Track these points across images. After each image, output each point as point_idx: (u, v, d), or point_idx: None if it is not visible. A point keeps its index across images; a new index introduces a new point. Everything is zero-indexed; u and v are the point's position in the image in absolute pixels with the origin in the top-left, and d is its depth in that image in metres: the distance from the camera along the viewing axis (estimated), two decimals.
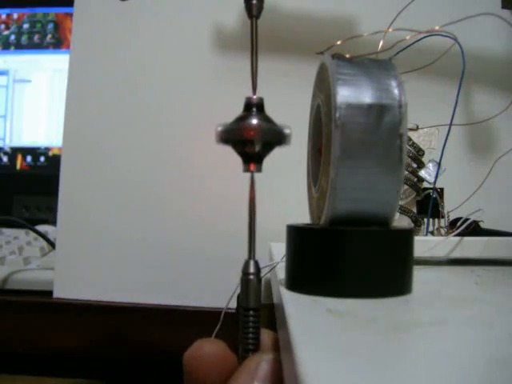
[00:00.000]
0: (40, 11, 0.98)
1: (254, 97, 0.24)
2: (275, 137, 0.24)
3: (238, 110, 0.24)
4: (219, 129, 0.24)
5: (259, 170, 0.24)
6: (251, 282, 0.24)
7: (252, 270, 0.24)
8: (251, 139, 0.23)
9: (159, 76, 0.58)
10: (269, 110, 0.24)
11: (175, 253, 0.57)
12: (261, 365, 0.22)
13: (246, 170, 0.24)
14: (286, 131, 0.24)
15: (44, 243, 0.70)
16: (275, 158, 0.25)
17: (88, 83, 0.59)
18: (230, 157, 0.24)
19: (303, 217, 0.32)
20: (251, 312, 0.24)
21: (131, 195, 0.58)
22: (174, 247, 0.57)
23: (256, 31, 0.24)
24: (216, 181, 0.57)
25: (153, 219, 0.57)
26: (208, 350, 0.24)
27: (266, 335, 0.25)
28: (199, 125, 0.57)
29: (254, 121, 0.23)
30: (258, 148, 0.23)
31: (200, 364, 0.23)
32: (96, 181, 0.58)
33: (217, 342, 0.24)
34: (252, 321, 0.24)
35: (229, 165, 0.55)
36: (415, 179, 0.42)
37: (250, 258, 0.24)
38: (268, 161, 0.24)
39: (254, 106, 0.24)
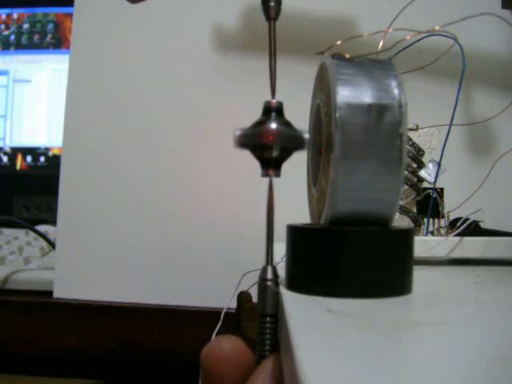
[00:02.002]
0: (40, 11, 0.98)
1: (273, 101, 0.24)
2: (294, 142, 0.23)
3: (239, 109, 0.24)
4: (237, 133, 0.23)
5: (278, 175, 0.24)
6: (269, 288, 0.23)
7: (269, 275, 0.24)
8: (270, 144, 0.23)
9: (159, 76, 0.58)
10: None
11: (175, 253, 0.57)
12: (278, 365, 0.22)
13: (264, 174, 0.24)
14: (306, 136, 0.23)
15: (44, 243, 0.69)
16: None
17: (88, 83, 0.59)
18: (231, 158, 0.24)
19: (303, 217, 0.32)
20: (268, 318, 0.23)
21: (131, 195, 0.58)
22: (174, 247, 0.57)
23: (274, 34, 0.24)
24: (216, 182, 0.57)
25: (153, 219, 0.57)
26: (226, 346, 0.23)
27: None
28: (199, 124, 0.57)
29: (273, 125, 0.23)
30: (276, 153, 0.23)
31: (218, 361, 0.23)
32: (96, 181, 0.58)
33: (235, 338, 0.24)
34: (269, 327, 0.23)
35: (229, 166, 0.56)
36: (415, 179, 0.42)
37: (267, 263, 0.24)
38: None
39: (273, 110, 0.23)
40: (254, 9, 0.56)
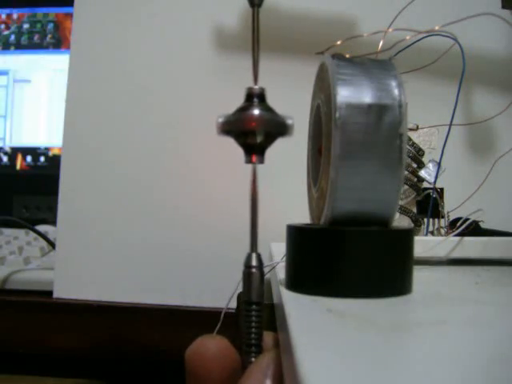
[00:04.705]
0: (40, 11, 0.98)
1: (256, 87, 0.24)
2: (277, 127, 0.23)
3: None
4: (220, 120, 0.23)
5: (261, 161, 0.24)
6: (253, 276, 0.23)
7: (254, 263, 0.24)
8: (253, 130, 0.23)
9: (159, 76, 0.58)
10: None
11: (175, 253, 0.57)
12: (272, 363, 0.22)
13: (248, 161, 0.24)
14: (289, 121, 0.23)
15: (44, 243, 0.69)
16: (275, 157, 0.25)
17: (88, 83, 0.59)
18: (231, 157, 0.24)
19: (303, 217, 0.32)
20: (254, 306, 0.23)
21: (131, 195, 0.58)
22: (174, 247, 0.57)
23: (258, 20, 0.24)
24: (216, 181, 0.57)
25: (153, 219, 0.57)
26: (210, 346, 0.23)
27: (267, 337, 0.24)
28: (199, 124, 0.57)
29: (256, 111, 0.23)
30: (260, 139, 0.23)
31: (202, 360, 0.23)
32: (96, 181, 0.58)
33: (219, 338, 0.24)
34: (255, 315, 0.23)
35: (229, 166, 0.56)
36: (415, 179, 0.42)
37: (252, 250, 0.24)
38: (268, 160, 0.24)
39: (255, 97, 0.23)
40: None
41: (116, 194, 0.58)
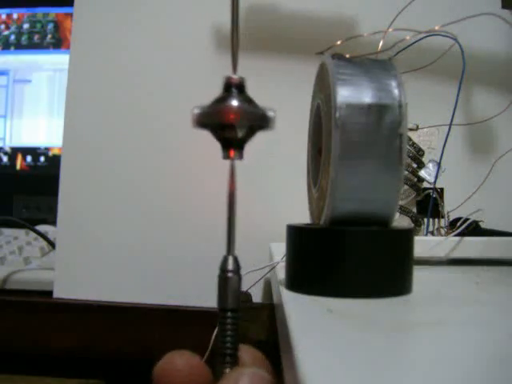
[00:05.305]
0: (40, 11, 0.98)
1: (235, 76, 0.22)
2: (258, 120, 0.21)
3: None
4: (196, 112, 0.22)
5: (240, 157, 0.22)
6: (230, 281, 0.22)
7: (231, 266, 0.22)
8: (231, 123, 0.21)
9: (159, 76, 0.58)
10: None
11: (175, 253, 0.57)
12: (242, 378, 0.20)
13: (226, 156, 0.22)
14: (270, 114, 0.21)
15: (44, 243, 0.69)
16: (275, 157, 0.25)
17: (88, 83, 0.59)
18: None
19: (303, 217, 0.32)
20: (229, 313, 0.22)
21: (131, 195, 0.58)
22: (174, 247, 0.57)
23: (237, 3, 0.22)
24: (216, 181, 0.57)
25: (153, 219, 0.57)
26: (179, 362, 0.22)
27: (244, 352, 0.23)
28: None
29: (235, 102, 0.21)
30: (238, 132, 0.21)
31: (169, 377, 0.22)
32: (96, 181, 0.58)
33: (188, 354, 0.23)
34: (230, 323, 0.21)
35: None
36: (415, 179, 0.42)
37: (228, 253, 0.22)
38: (268, 160, 0.24)
39: (234, 87, 0.21)
40: (254, 9, 0.56)
41: (116, 194, 0.58)
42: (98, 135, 0.59)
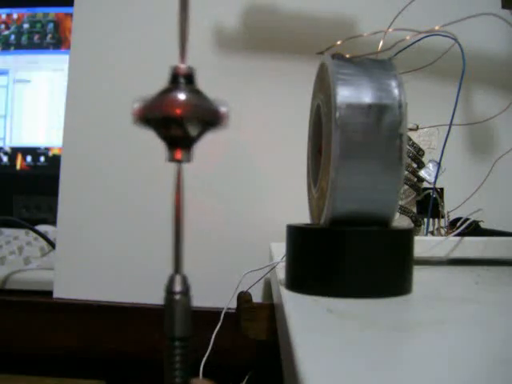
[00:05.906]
0: (40, 11, 0.98)
1: (182, 65, 0.19)
2: (208, 116, 0.18)
3: (239, 110, 0.24)
4: (136, 105, 0.18)
5: (188, 159, 0.18)
6: (177, 304, 0.18)
7: (178, 287, 0.18)
8: (178, 118, 0.18)
9: (159, 76, 0.58)
10: (268, 110, 0.24)
11: None
12: None
13: (171, 158, 0.18)
14: (222, 109, 0.18)
15: (44, 243, 0.69)
16: (275, 157, 0.25)
17: (88, 83, 0.59)
18: (231, 159, 0.24)
19: (303, 217, 0.32)
20: (177, 342, 0.18)
21: (131, 195, 0.58)
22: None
23: None
24: (216, 182, 0.57)
25: (153, 219, 0.57)
26: None
27: None
28: None
29: (182, 95, 0.18)
30: (186, 129, 0.18)
31: None
32: (96, 181, 0.58)
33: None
34: (179, 353, 0.18)
35: (230, 167, 0.55)
36: (415, 179, 0.42)
37: (176, 271, 0.18)
38: (268, 160, 0.24)
39: (181, 77, 0.18)
40: (253, 9, 0.56)
41: (116, 194, 0.58)
42: (98, 135, 0.58)
